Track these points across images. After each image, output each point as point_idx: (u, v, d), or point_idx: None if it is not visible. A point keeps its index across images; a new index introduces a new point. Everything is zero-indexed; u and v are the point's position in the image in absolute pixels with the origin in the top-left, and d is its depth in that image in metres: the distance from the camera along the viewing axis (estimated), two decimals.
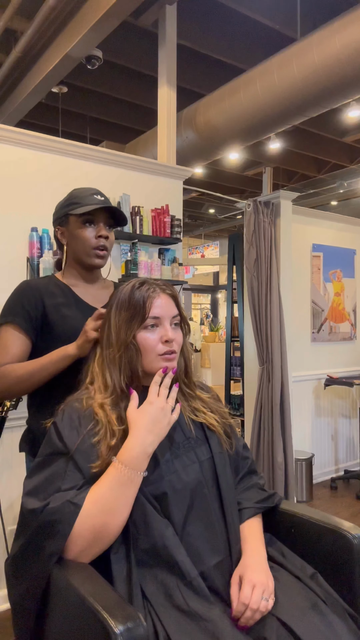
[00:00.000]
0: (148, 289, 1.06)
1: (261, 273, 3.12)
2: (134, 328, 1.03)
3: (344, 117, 5.14)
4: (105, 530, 0.91)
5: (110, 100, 5.11)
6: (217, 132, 4.10)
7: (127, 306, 1.05)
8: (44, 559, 0.91)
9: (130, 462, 0.94)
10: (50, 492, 0.94)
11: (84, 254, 1.33)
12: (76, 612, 0.85)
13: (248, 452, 1.25)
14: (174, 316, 1.07)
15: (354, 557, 1.08)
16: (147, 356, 1.04)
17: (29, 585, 0.93)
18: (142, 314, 1.03)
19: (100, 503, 0.91)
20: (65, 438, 0.99)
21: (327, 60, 3.11)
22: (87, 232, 1.32)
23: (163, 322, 1.05)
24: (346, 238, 3.92)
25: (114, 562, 0.94)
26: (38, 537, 0.92)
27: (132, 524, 0.95)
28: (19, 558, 0.95)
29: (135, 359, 1.04)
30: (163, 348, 1.04)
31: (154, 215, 2.84)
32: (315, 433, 3.69)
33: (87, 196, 1.33)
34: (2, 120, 4.63)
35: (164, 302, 1.06)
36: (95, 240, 1.32)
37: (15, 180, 2.42)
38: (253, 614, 0.94)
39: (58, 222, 1.37)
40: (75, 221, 1.32)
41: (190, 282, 12.27)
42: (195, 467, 1.06)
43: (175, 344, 1.06)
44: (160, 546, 0.95)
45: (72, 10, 3.37)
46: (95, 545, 0.92)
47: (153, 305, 1.04)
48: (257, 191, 7.99)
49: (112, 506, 0.91)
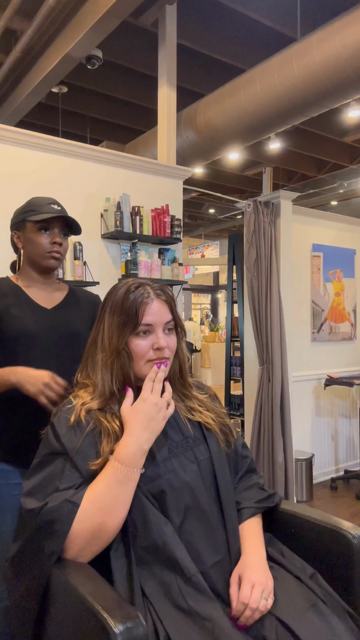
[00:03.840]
0: (142, 293, 1.04)
1: (261, 273, 3.12)
2: (127, 334, 1.03)
3: (344, 117, 5.14)
4: (104, 528, 0.92)
5: (110, 100, 5.11)
6: (217, 132, 4.10)
7: (120, 311, 1.04)
8: (43, 558, 0.91)
9: (127, 460, 0.94)
10: (48, 492, 0.94)
11: (39, 257, 1.41)
12: (76, 612, 0.85)
13: (247, 451, 1.25)
14: (167, 322, 1.07)
15: (354, 557, 1.08)
16: (138, 362, 1.04)
17: (29, 585, 0.93)
18: (135, 322, 1.03)
19: (98, 501, 0.91)
20: (62, 438, 0.99)
21: (327, 60, 3.11)
22: (42, 237, 1.39)
23: (155, 329, 1.05)
24: (346, 238, 3.92)
25: (114, 561, 0.94)
26: (37, 537, 0.92)
27: (131, 522, 0.95)
28: (19, 558, 0.95)
29: (127, 365, 1.04)
30: (153, 355, 1.04)
31: (154, 215, 2.84)
32: (315, 433, 3.68)
33: (44, 205, 1.41)
34: (2, 120, 4.64)
35: (157, 308, 1.05)
36: (50, 245, 1.40)
37: (15, 180, 2.42)
38: (252, 613, 0.94)
39: (15, 227, 1.44)
40: (32, 227, 1.39)
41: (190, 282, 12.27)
42: (194, 466, 1.06)
43: (167, 351, 1.06)
44: (159, 544, 0.95)
45: (72, 10, 3.37)
46: (94, 544, 0.93)
47: (146, 313, 1.03)
48: (257, 191, 7.99)
49: (110, 504, 0.91)
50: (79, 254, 2.56)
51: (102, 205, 2.72)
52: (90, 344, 1.10)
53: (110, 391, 1.04)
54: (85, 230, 2.65)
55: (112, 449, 0.97)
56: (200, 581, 0.95)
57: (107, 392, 1.04)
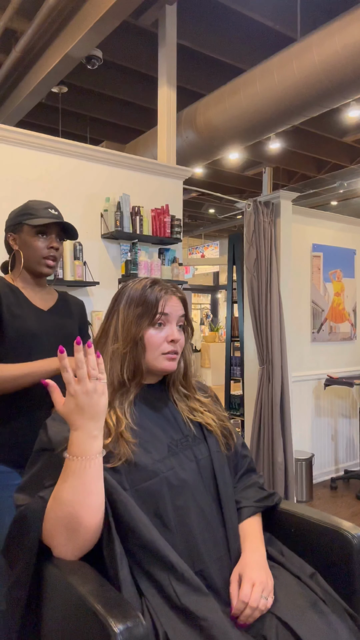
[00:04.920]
0: (161, 289, 1.08)
1: (261, 273, 3.13)
2: (144, 325, 1.05)
3: (344, 117, 5.14)
4: (75, 521, 0.89)
5: (110, 100, 5.11)
6: (217, 132, 4.10)
7: (138, 302, 1.07)
8: (25, 551, 0.92)
9: (79, 452, 0.90)
10: (37, 488, 0.95)
11: (35, 262, 1.42)
12: (75, 612, 0.85)
13: (247, 451, 1.25)
14: (181, 315, 1.10)
15: (354, 557, 1.08)
16: (151, 353, 1.06)
17: (18, 575, 0.94)
18: (154, 312, 1.06)
19: (58, 496, 0.90)
20: (50, 432, 0.99)
21: (327, 60, 3.11)
22: (39, 242, 1.41)
23: (171, 321, 1.08)
24: (346, 238, 3.92)
25: (105, 558, 0.93)
26: (17, 533, 0.94)
27: (118, 520, 0.94)
28: (7, 552, 0.97)
29: (140, 355, 1.06)
30: (167, 347, 1.07)
31: (154, 215, 2.84)
32: (315, 433, 3.68)
33: (42, 209, 1.42)
34: (2, 120, 4.64)
35: (174, 302, 1.09)
36: (47, 250, 1.41)
37: (15, 180, 2.42)
38: (252, 612, 0.94)
39: (11, 229, 1.45)
40: (29, 231, 1.41)
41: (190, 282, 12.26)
42: (193, 465, 1.06)
43: (178, 346, 1.09)
44: (147, 541, 0.93)
45: (72, 10, 3.37)
46: (73, 539, 0.91)
47: (166, 304, 1.07)
48: (257, 191, 7.99)
49: (71, 498, 0.89)
50: (79, 254, 2.56)
51: (102, 205, 2.72)
52: (99, 336, 1.11)
53: (119, 380, 1.05)
54: (85, 230, 2.67)
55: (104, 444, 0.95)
56: (193, 577, 0.94)
57: (116, 382, 1.05)
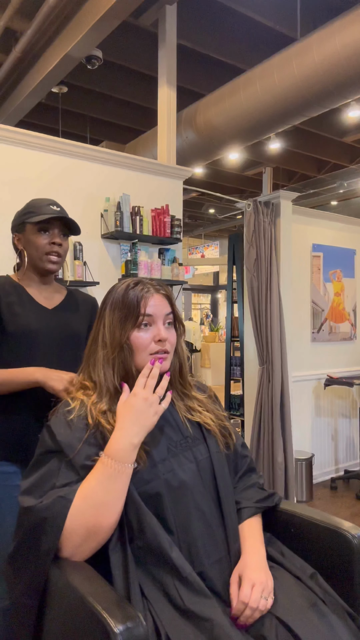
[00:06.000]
0: (142, 288, 1.06)
1: (261, 273, 3.13)
2: (128, 328, 1.04)
3: (344, 117, 5.14)
4: (98, 525, 0.91)
5: (110, 100, 5.11)
6: (217, 132, 4.10)
7: (120, 306, 1.05)
8: (40, 556, 0.91)
9: (117, 455, 0.93)
10: (45, 490, 0.95)
11: (38, 259, 1.42)
12: (76, 612, 0.85)
13: (247, 451, 1.25)
14: (167, 314, 1.08)
15: (354, 557, 1.08)
16: (139, 355, 1.04)
17: (28, 582, 0.93)
18: (136, 314, 1.04)
19: (90, 498, 0.91)
20: (57, 436, 0.99)
21: (327, 60, 3.11)
22: (41, 238, 1.41)
23: (156, 321, 1.06)
24: (346, 238, 3.92)
25: (112, 558, 0.94)
26: (32, 535, 0.92)
27: (126, 522, 0.95)
28: (16, 556, 0.95)
29: (129, 359, 1.04)
30: (155, 347, 1.05)
31: (154, 215, 2.84)
32: (315, 433, 3.68)
33: (44, 206, 1.42)
34: (2, 120, 4.64)
35: (157, 301, 1.06)
36: (49, 246, 1.41)
37: (15, 181, 2.42)
38: (252, 612, 0.94)
39: (15, 229, 1.46)
40: (31, 228, 1.41)
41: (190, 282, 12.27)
42: (192, 466, 1.06)
43: (168, 344, 1.06)
44: (154, 545, 0.94)
45: (72, 10, 3.37)
46: (90, 541, 0.92)
47: (147, 305, 1.05)
48: (257, 191, 7.98)
49: (102, 500, 0.91)
50: (79, 254, 2.57)
51: (102, 205, 2.72)
52: (90, 343, 1.11)
53: (114, 386, 1.04)
54: (85, 230, 2.66)
55: None
56: (196, 580, 0.95)
57: (112, 389, 1.04)
